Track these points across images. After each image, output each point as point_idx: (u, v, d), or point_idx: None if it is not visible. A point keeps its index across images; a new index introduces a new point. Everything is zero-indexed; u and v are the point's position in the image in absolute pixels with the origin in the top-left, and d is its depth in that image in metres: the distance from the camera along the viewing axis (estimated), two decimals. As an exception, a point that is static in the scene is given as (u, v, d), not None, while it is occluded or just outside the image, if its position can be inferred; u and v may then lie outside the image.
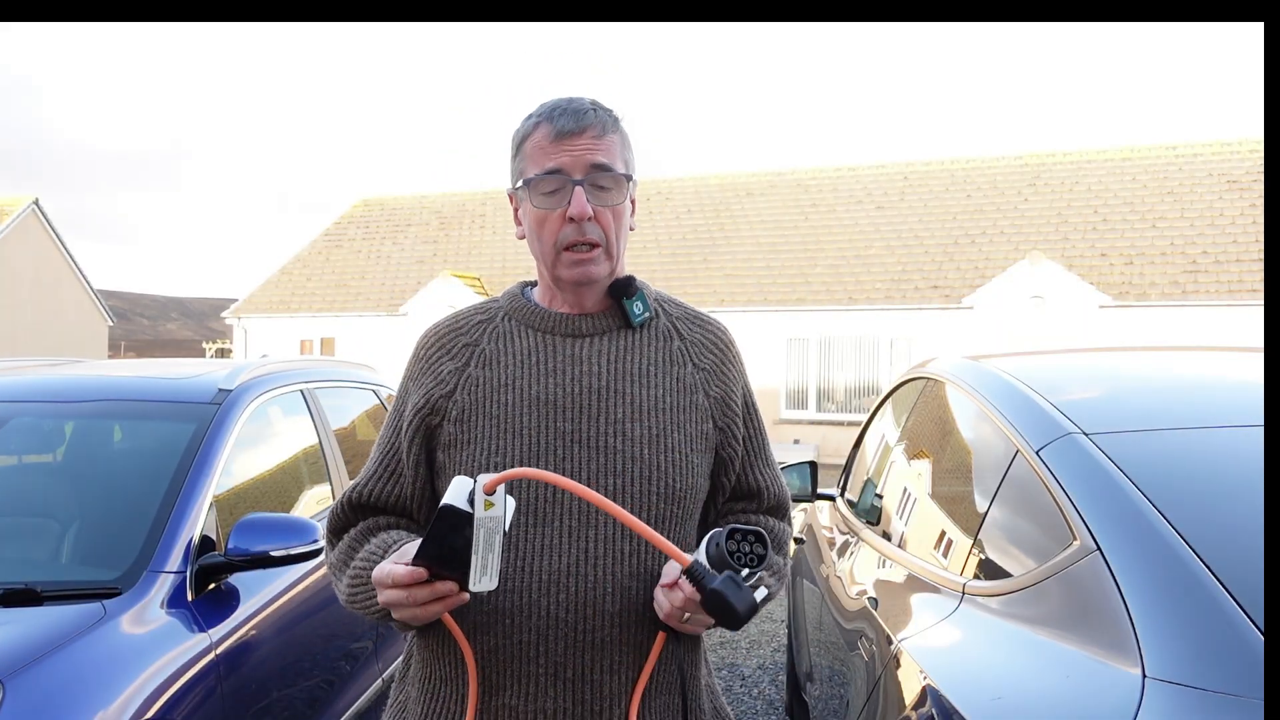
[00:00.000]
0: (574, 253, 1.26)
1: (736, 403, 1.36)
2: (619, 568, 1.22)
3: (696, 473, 1.29)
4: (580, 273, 1.27)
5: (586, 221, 1.24)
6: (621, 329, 1.33)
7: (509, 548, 1.21)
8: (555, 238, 1.26)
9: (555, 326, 1.31)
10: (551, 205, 1.25)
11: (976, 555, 1.70)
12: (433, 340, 1.35)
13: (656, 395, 1.29)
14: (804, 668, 3.15)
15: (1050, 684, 1.25)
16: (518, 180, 1.29)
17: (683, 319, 1.38)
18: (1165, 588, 1.21)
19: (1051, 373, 2.03)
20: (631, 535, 1.22)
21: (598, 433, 1.25)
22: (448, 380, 1.30)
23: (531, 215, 1.27)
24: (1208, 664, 1.10)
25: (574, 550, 1.21)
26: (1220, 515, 1.34)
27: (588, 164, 1.25)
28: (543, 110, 1.29)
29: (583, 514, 1.22)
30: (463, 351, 1.32)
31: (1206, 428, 1.58)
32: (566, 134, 1.25)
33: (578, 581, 1.21)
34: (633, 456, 1.24)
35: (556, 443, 1.24)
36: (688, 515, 1.30)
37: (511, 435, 1.24)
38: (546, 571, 1.20)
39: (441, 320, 1.39)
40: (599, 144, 1.26)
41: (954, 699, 1.32)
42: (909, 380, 2.77)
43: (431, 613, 1.12)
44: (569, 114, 1.26)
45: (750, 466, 1.38)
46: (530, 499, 1.22)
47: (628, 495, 1.23)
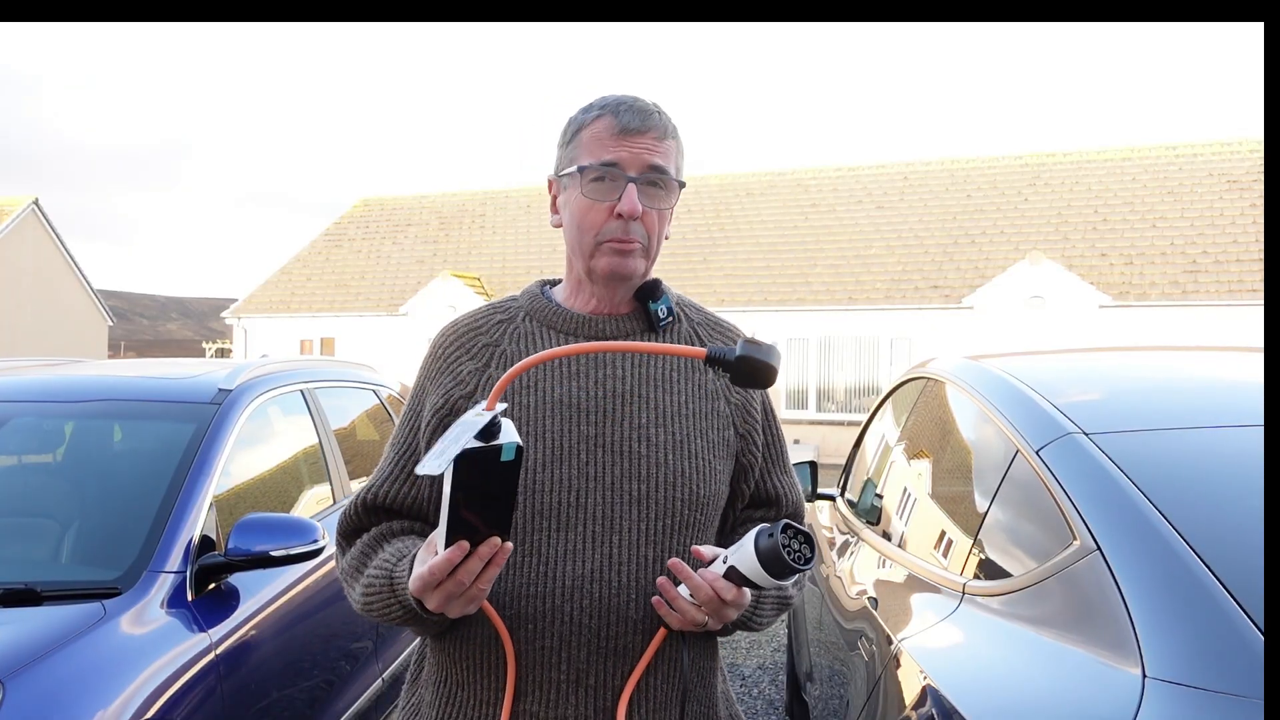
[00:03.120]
0: (615, 243, 1.23)
1: (756, 409, 1.35)
2: (643, 574, 1.21)
3: (719, 479, 1.28)
4: (618, 263, 1.24)
5: (632, 220, 1.23)
6: (644, 333, 1.31)
7: (531, 552, 1.19)
8: (598, 230, 1.24)
9: (578, 329, 1.29)
10: (601, 197, 1.23)
11: (976, 555, 1.70)
12: (451, 339, 1.32)
13: (679, 401, 1.28)
14: (804, 668, 3.15)
15: (1050, 684, 1.25)
16: (567, 166, 1.27)
17: (703, 324, 1.37)
18: (1165, 588, 1.21)
19: (1051, 373, 2.03)
20: (656, 541, 1.21)
21: (621, 437, 1.23)
22: (468, 381, 1.27)
23: (577, 204, 1.25)
24: (1208, 664, 1.10)
25: (597, 555, 1.20)
26: (1220, 515, 1.34)
27: (645, 163, 1.23)
28: (606, 103, 1.26)
29: (606, 518, 1.21)
30: (483, 352, 1.29)
31: (1206, 428, 1.58)
32: (630, 131, 1.23)
33: (601, 587, 1.19)
34: (657, 462, 1.23)
35: (580, 447, 1.22)
36: (709, 521, 1.29)
37: (533, 439, 1.22)
38: (570, 577, 1.19)
39: (459, 319, 1.36)
40: (659, 146, 1.24)
41: (954, 699, 1.31)
42: (909, 380, 2.77)
43: (486, 583, 1.06)
44: (634, 111, 1.24)
45: (769, 474, 1.36)
46: (553, 504, 1.20)
47: (651, 501, 1.22)
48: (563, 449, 1.22)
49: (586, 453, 1.22)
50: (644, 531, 1.21)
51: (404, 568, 1.16)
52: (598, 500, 1.21)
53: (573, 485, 1.21)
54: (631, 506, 1.22)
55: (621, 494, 1.21)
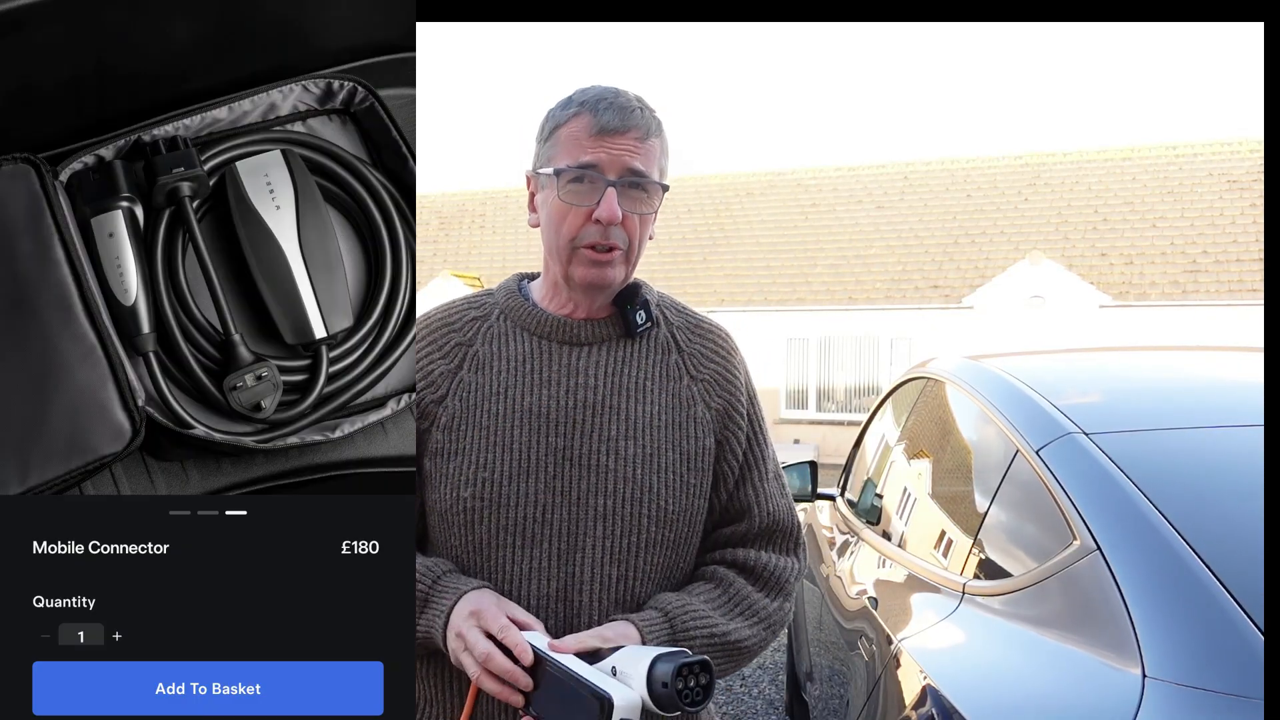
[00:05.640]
0: (593, 252, 1.18)
1: (738, 414, 1.28)
2: (606, 594, 1.18)
3: (692, 493, 1.23)
4: (595, 274, 1.19)
5: (612, 226, 1.16)
6: (620, 338, 1.26)
7: (496, 570, 1.18)
8: (575, 235, 1.17)
9: (552, 332, 1.24)
10: (578, 201, 1.16)
11: (976, 555, 1.70)
12: (424, 335, 1.28)
13: (652, 412, 1.22)
14: (804, 667, 3.15)
15: (1050, 684, 1.25)
16: (543, 165, 1.21)
17: (682, 328, 1.31)
18: (1165, 588, 1.21)
19: (1051, 372, 2.03)
20: (621, 559, 1.18)
21: (590, 450, 1.19)
22: (439, 384, 1.24)
23: (553, 207, 1.19)
24: (1208, 664, 1.10)
25: (562, 574, 1.17)
26: (1220, 515, 1.34)
27: (625, 166, 1.15)
28: (585, 99, 1.18)
29: (571, 535, 1.17)
30: (455, 351, 1.25)
31: (1206, 428, 1.58)
32: (610, 131, 1.15)
33: (565, 607, 1.17)
34: (625, 477, 1.18)
35: (547, 459, 1.18)
36: (681, 539, 1.23)
37: (501, 449, 1.19)
38: (534, 596, 1.16)
39: (433, 312, 1.32)
40: (640, 147, 1.17)
41: (954, 699, 1.31)
42: (909, 380, 2.77)
43: (484, 682, 1.08)
44: (614, 109, 1.16)
45: (743, 482, 1.28)
46: (518, 519, 1.17)
47: (619, 517, 1.18)
48: (530, 461, 1.18)
49: (554, 466, 1.18)
50: (609, 549, 1.18)
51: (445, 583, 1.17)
52: (563, 516, 1.17)
53: (539, 500, 1.17)
54: (596, 523, 1.18)
55: (587, 509, 1.18)
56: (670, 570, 1.23)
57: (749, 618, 1.23)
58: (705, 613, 1.19)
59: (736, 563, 1.27)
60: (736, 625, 1.21)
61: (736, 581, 1.25)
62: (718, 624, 1.19)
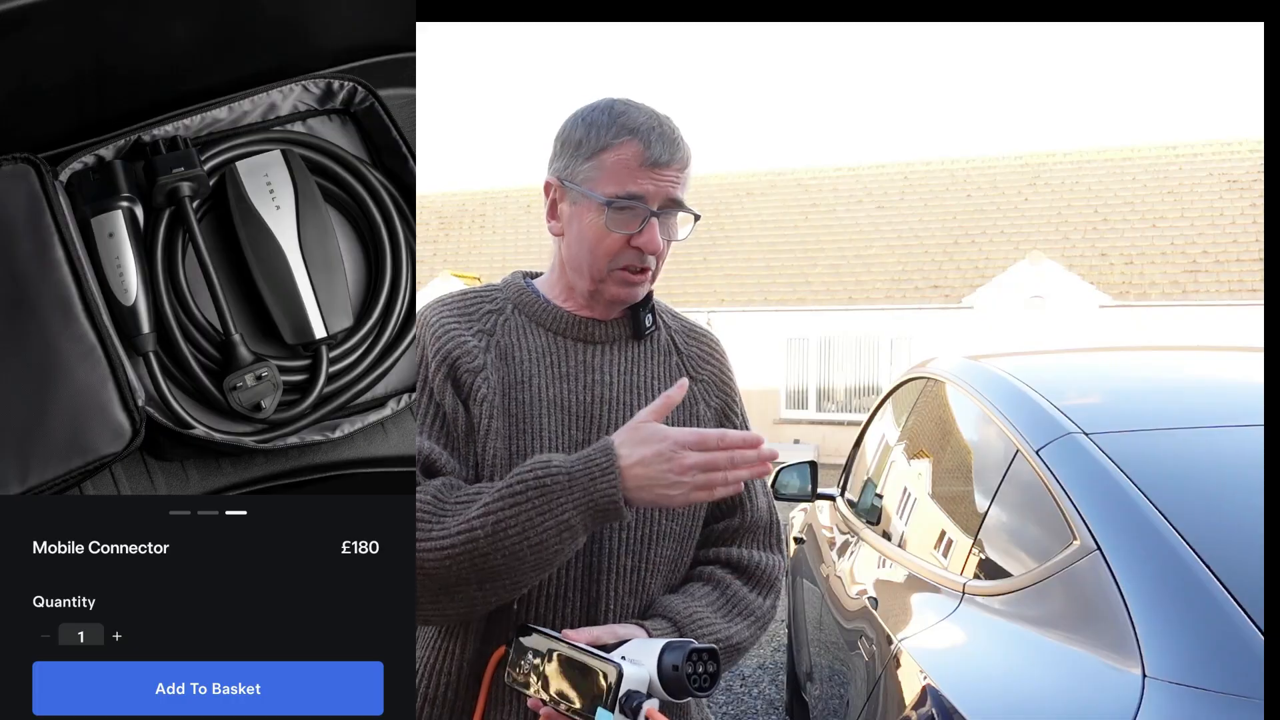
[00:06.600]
0: (627, 274, 1.22)
1: (734, 413, 1.35)
2: (621, 584, 1.21)
3: None
4: (627, 293, 1.24)
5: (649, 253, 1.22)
6: (628, 339, 1.31)
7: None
8: (613, 257, 1.21)
9: (567, 329, 1.28)
10: (620, 228, 1.19)
11: (976, 555, 1.70)
12: (447, 315, 1.27)
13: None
14: (804, 667, 3.15)
15: (1050, 684, 1.25)
16: (583, 184, 1.21)
17: (679, 331, 1.37)
18: (1165, 588, 1.21)
19: (1052, 372, 2.03)
20: (635, 551, 1.22)
21: None
22: (475, 354, 1.22)
23: (592, 229, 1.20)
24: (1208, 664, 1.11)
25: (579, 565, 1.20)
26: (1220, 515, 1.34)
27: (667, 196, 1.20)
28: (634, 125, 1.19)
29: (590, 560, 1.20)
30: (480, 336, 1.26)
31: (1206, 428, 1.58)
32: (660, 164, 1.19)
33: (583, 597, 1.20)
34: None
35: (570, 451, 1.21)
36: (686, 533, 1.29)
37: (530, 436, 1.21)
38: (556, 585, 1.19)
39: (446, 297, 1.31)
40: (680, 176, 1.21)
41: (954, 699, 1.32)
42: (909, 380, 2.77)
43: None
44: (665, 141, 1.19)
45: None
46: None
47: (634, 510, 1.20)
48: (556, 452, 1.21)
49: None
50: (624, 541, 1.21)
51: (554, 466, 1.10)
52: None
53: None
54: None
55: None
56: (676, 563, 1.29)
57: (746, 618, 1.29)
58: (710, 619, 1.24)
59: (730, 562, 1.33)
60: (737, 627, 1.26)
61: (734, 584, 1.30)
62: (720, 628, 1.24)
